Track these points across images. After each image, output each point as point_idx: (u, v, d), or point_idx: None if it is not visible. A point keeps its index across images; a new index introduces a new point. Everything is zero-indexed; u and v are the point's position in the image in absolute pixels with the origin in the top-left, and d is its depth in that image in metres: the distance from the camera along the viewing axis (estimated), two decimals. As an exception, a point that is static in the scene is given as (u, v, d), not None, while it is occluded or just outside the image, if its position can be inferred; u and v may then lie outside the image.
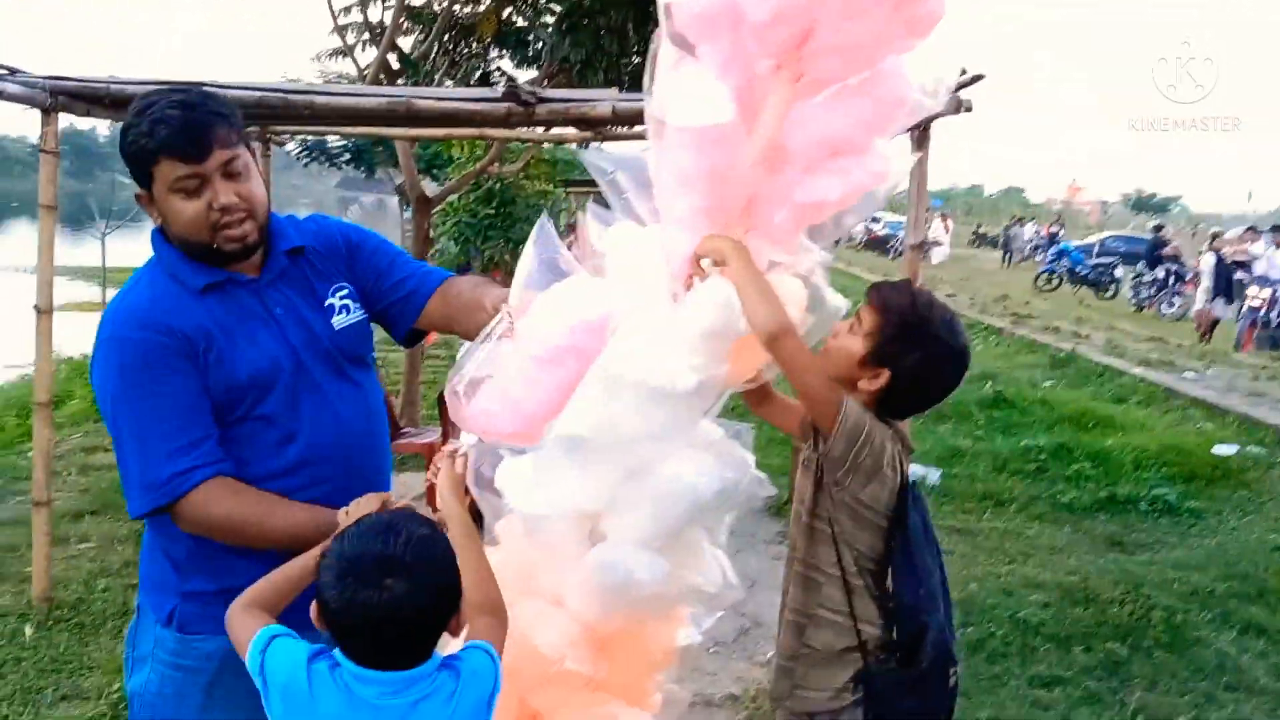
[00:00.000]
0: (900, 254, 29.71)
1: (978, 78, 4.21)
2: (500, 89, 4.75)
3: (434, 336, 2.44)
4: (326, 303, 2.01)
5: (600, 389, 2.03)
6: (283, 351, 1.90)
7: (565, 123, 5.39)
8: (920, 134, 4.48)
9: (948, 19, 1.85)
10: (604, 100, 4.62)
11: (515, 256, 2.49)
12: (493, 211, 11.23)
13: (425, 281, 2.14)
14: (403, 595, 1.46)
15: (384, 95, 4.86)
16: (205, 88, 1.94)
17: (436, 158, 13.14)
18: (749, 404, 2.29)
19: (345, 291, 2.05)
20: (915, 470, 6.88)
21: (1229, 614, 4.78)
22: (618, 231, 2.14)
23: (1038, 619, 4.59)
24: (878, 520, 2.00)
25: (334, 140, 18.99)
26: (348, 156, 20.63)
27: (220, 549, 1.86)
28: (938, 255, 28.73)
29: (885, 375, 2.01)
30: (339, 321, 2.01)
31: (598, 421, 2.00)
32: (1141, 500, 6.49)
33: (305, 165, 22.12)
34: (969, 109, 4.28)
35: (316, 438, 1.90)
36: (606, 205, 2.15)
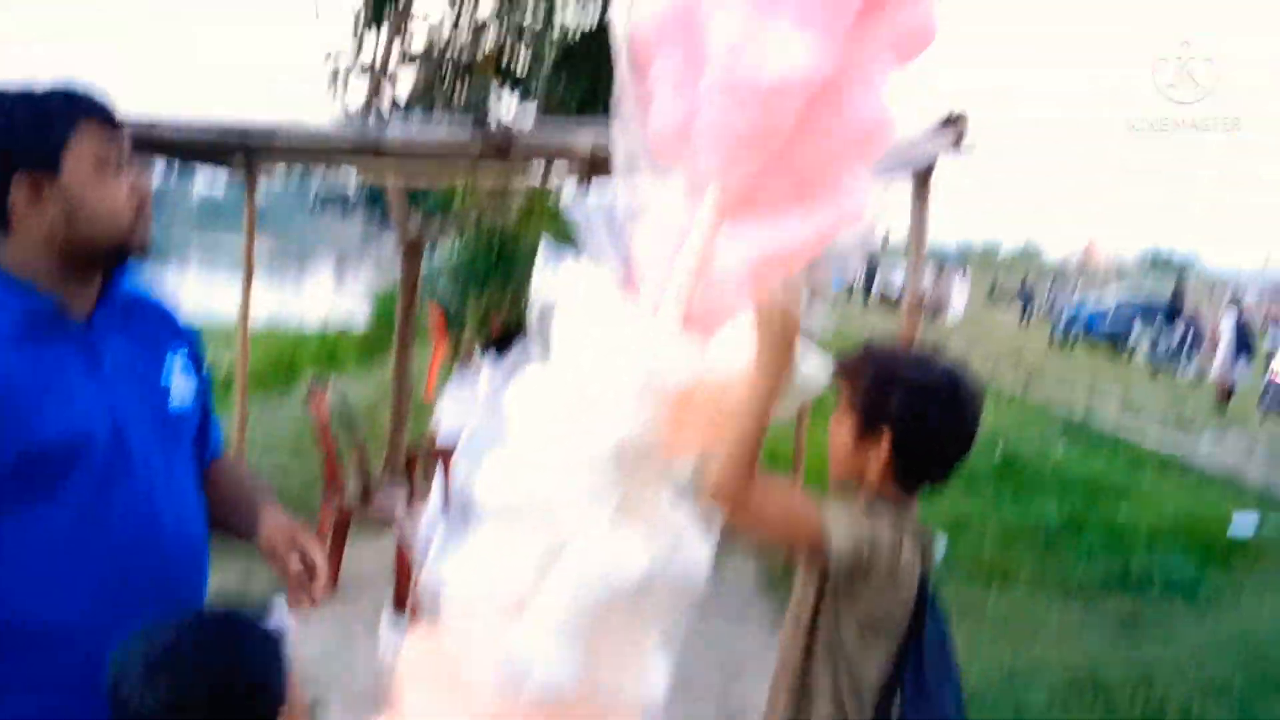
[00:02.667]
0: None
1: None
2: (487, 128, 4.50)
3: None
4: (165, 368, 1.62)
5: (527, 447, 1.73)
6: (101, 419, 1.47)
7: (547, 161, 5.10)
8: (921, 180, 4.22)
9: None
10: (584, 136, 4.36)
11: (515, 302, 2.17)
12: (493, 263, 10.85)
13: (212, 440, 1.80)
14: (168, 700, 1.21)
15: (351, 129, 4.65)
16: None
17: (439, 203, 12.93)
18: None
19: (183, 362, 1.66)
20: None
21: (1247, 706, 4.38)
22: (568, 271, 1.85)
23: (1041, 712, 4.22)
24: (888, 640, 1.68)
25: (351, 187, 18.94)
26: (360, 202, 20.62)
27: None
28: (953, 316, 27.48)
29: (886, 435, 1.70)
30: (178, 398, 1.62)
31: (516, 484, 1.70)
32: (1155, 581, 6.09)
33: (313, 212, 22.23)
34: (961, 144, 4.02)
35: (127, 540, 1.47)
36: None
